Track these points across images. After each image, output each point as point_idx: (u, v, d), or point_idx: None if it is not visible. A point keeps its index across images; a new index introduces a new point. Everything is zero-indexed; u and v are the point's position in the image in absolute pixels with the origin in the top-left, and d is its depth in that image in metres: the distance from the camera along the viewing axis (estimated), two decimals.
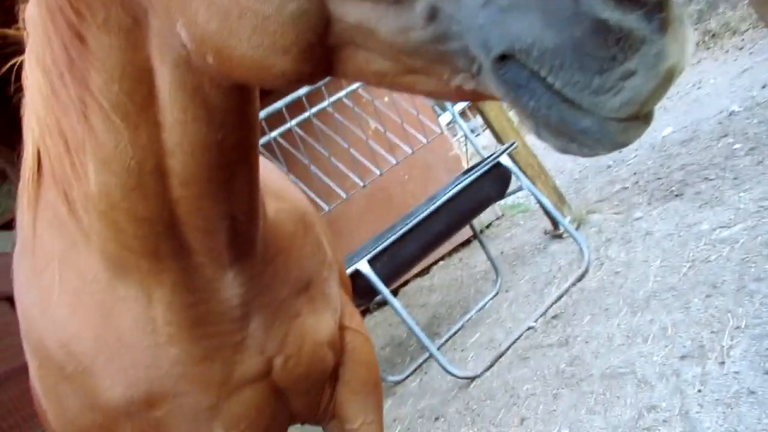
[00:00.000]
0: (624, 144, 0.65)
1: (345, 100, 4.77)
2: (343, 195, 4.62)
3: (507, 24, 0.65)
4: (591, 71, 0.61)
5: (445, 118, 8.25)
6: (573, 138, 0.65)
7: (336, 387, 1.54)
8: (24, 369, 3.59)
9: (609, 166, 6.89)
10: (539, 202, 4.83)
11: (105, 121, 1.00)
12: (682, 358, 2.65)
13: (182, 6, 0.84)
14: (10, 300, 3.67)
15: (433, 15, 0.70)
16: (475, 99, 0.78)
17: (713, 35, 11.01)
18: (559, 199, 5.49)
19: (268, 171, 1.39)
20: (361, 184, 4.72)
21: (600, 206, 5.53)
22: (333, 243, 1.58)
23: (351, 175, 4.64)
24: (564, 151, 0.68)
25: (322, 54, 0.81)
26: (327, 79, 0.94)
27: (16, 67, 1.28)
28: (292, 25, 0.77)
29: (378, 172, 4.80)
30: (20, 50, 1.25)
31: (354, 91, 4.90)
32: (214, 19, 0.82)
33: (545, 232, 5.86)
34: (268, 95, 4.56)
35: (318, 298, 1.39)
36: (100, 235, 1.11)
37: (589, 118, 0.63)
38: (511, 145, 4.63)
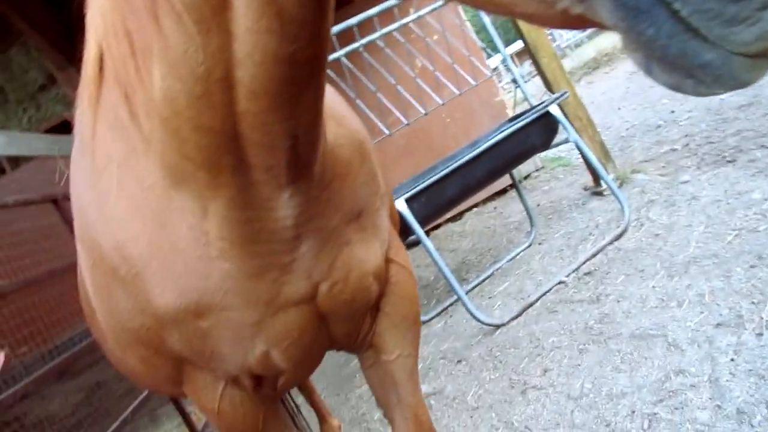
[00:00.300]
0: (747, 83, 0.59)
1: (396, 35, 4.65)
2: (386, 131, 4.56)
3: None
4: None
5: (491, 63, 8.02)
6: (690, 73, 0.59)
7: (377, 318, 1.55)
8: (66, 270, 3.72)
9: (659, 126, 6.67)
10: (584, 156, 4.71)
11: (177, 23, 0.96)
12: (718, 326, 2.61)
13: None
14: (54, 202, 3.78)
15: None
16: (579, 26, 0.72)
17: None
18: (604, 155, 5.35)
19: (330, 94, 1.36)
20: (405, 121, 4.65)
21: (645, 166, 5.38)
22: (385, 176, 1.56)
23: (395, 111, 4.57)
24: (675, 88, 0.62)
25: None
26: (381, 9, 0.88)
27: None
28: None
29: (423, 111, 4.71)
30: None
31: (405, 26, 4.76)
32: None
33: (585, 188, 5.76)
34: None
35: (368, 228, 1.38)
36: (160, 142, 1.10)
37: (714, 51, 0.57)
38: (562, 94, 4.48)
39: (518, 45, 15.20)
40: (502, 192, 7.67)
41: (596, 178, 5.38)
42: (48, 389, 5.25)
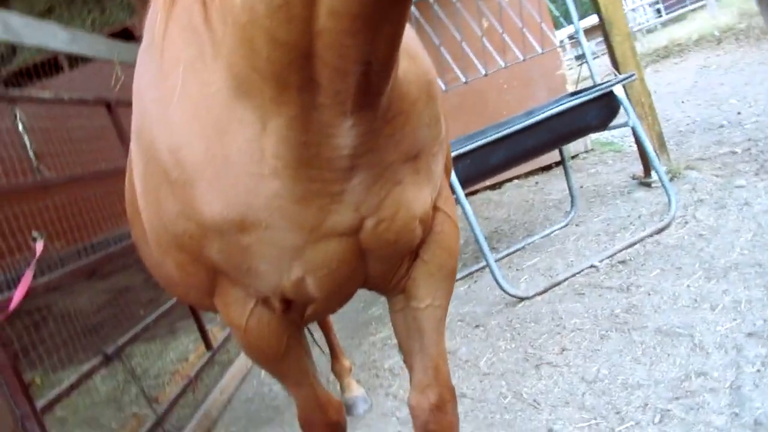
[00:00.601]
0: None
1: None
2: (443, 86, 4.48)
3: None
4: None
5: (558, 36, 7.76)
6: None
7: (414, 264, 1.54)
8: (110, 173, 3.79)
9: (722, 126, 6.42)
10: (639, 142, 4.57)
11: None
12: (749, 335, 2.55)
13: None
14: (108, 106, 3.83)
15: None
16: None
17: None
18: (660, 146, 5.19)
19: (408, 30, 1.32)
20: (463, 79, 4.55)
21: (701, 164, 5.21)
22: (448, 122, 1.52)
23: (455, 68, 4.47)
24: None
25: None
26: None
27: None
28: None
29: (483, 72, 4.60)
30: None
31: None
32: None
33: (633, 177, 5.61)
34: None
35: (422, 171, 1.36)
36: (231, 50, 1.08)
37: None
38: (630, 76, 4.32)
39: (589, 21, 14.66)
40: (547, 168, 7.53)
41: (647, 167, 5.23)
42: (78, 285, 5.46)
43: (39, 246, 2.55)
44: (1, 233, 2.68)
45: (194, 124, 1.18)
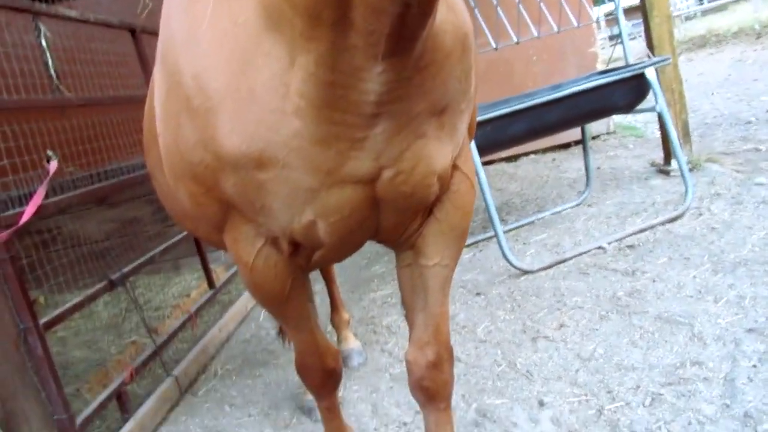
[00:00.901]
0: None
1: None
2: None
3: None
4: None
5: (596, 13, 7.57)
6: None
7: (426, 221, 1.53)
8: (129, 100, 3.76)
9: (749, 122, 6.30)
10: (663, 129, 4.50)
11: None
12: (749, 330, 2.54)
13: None
14: (132, 32, 3.78)
15: None
16: None
17: None
18: (685, 136, 5.11)
19: None
20: (494, 45, 4.46)
21: (722, 158, 5.13)
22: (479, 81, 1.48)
23: (487, 31, 4.38)
24: None
25: None
26: None
27: None
28: None
29: (515, 40, 4.51)
30: None
31: None
32: None
33: (652, 164, 5.54)
34: None
35: (447, 127, 1.33)
36: None
37: None
38: (664, 59, 4.22)
39: (628, 1, 14.30)
40: (565, 146, 7.45)
41: (668, 155, 5.16)
42: (87, 211, 5.50)
43: (53, 165, 2.55)
44: (16, 149, 2.68)
45: (220, 52, 1.16)
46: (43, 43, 3.05)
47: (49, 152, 2.55)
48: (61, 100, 3.10)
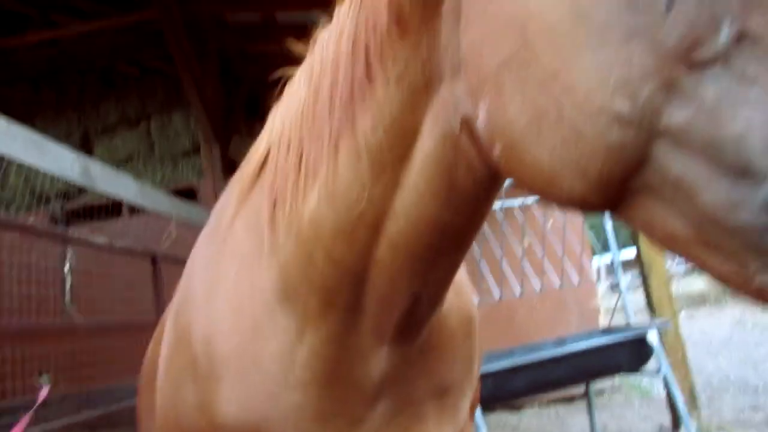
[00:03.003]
0: None
1: (515, 211, 4.72)
2: (475, 299, 4.51)
3: None
4: None
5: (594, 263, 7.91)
6: None
7: None
8: (137, 326, 3.76)
9: (757, 390, 6.15)
10: (671, 395, 4.39)
11: (354, 159, 1.01)
12: None
13: (497, 88, 0.81)
14: (153, 260, 3.94)
15: None
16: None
17: None
18: (692, 401, 4.97)
19: None
20: (496, 296, 4.59)
21: (734, 428, 4.92)
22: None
23: (491, 282, 4.53)
24: None
25: (619, 191, 0.74)
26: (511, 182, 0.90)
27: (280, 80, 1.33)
28: (605, 153, 0.71)
29: (517, 293, 4.65)
30: (291, 64, 1.31)
31: (526, 205, 4.84)
32: (525, 115, 0.78)
33: (660, 429, 5.31)
34: None
35: (448, 411, 1.31)
36: (288, 257, 1.12)
37: None
38: (664, 323, 4.29)
39: (627, 254, 14.97)
40: (569, 399, 7.21)
41: (676, 420, 4.97)
42: None
43: (44, 391, 2.49)
44: (11, 374, 2.64)
45: (234, 318, 1.20)
46: (67, 267, 3.18)
47: (42, 376, 2.50)
48: (69, 325, 3.13)
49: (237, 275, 1.24)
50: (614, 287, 5.40)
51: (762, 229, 0.64)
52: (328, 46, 1.12)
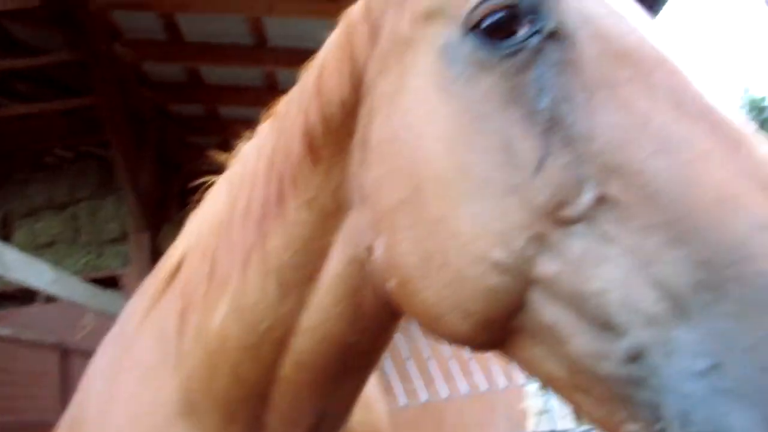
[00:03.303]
0: None
1: None
2: (403, 400, 4.45)
3: (719, 409, 0.60)
4: None
5: None
6: None
7: None
8: (38, 426, 3.47)
9: None
10: None
11: (261, 278, 1.03)
12: None
13: (392, 227, 0.86)
14: (63, 353, 3.70)
15: (635, 357, 0.66)
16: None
17: None
18: None
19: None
20: (423, 398, 4.54)
21: None
22: None
23: (417, 384, 4.49)
24: None
25: (501, 332, 0.79)
26: None
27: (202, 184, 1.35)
28: (485, 297, 0.76)
29: (444, 395, 4.61)
30: (216, 172, 1.34)
31: None
32: (415, 256, 0.83)
33: None
34: None
35: None
36: (192, 369, 1.10)
37: None
38: (590, 429, 4.31)
39: None
40: None
41: None
42: None
43: None
44: None
45: (131, 428, 1.14)
46: None
47: None
48: None
49: (137, 388, 1.19)
50: (543, 389, 5.43)
51: (625, 381, 0.67)
52: (248, 162, 1.16)
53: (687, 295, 0.64)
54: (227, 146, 1.33)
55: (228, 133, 1.37)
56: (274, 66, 5.00)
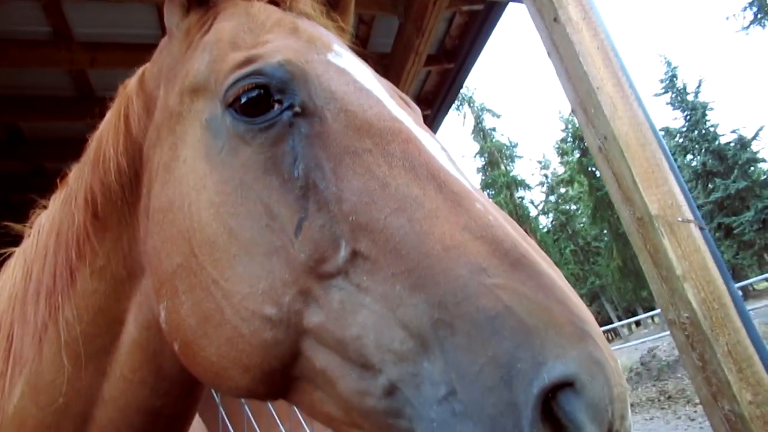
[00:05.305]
0: None
1: None
2: None
3: (455, 430, 0.68)
4: None
5: None
6: None
7: None
8: None
9: None
10: None
11: (55, 353, 1.01)
12: None
13: (172, 292, 0.90)
14: None
15: (391, 391, 0.74)
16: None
17: (669, 397, 11.28)
18: None
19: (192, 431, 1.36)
20: None
21: None
22: None
23: (281, 428, 4.42)
24: None
25: (281, 381, 0.85)
26: None
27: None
28: (262, 350, 0.82)
29: None
30: (16, 243, 1.29)
31: None
32: (195, 317, 0.87)
33: None
34: None
35: None
36: None
37: None
38: None
39: None
40: None
41: None
42: None
43: None
44: None
45: None
46: None
47: None
48: None
49: None
50: None
51: (385, 413, 0.75)
52: (41, 233, 1.14)
53: (428, 332, 0.73)
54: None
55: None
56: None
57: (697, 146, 44.73)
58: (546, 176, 65.86)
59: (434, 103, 6.23)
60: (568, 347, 0.68)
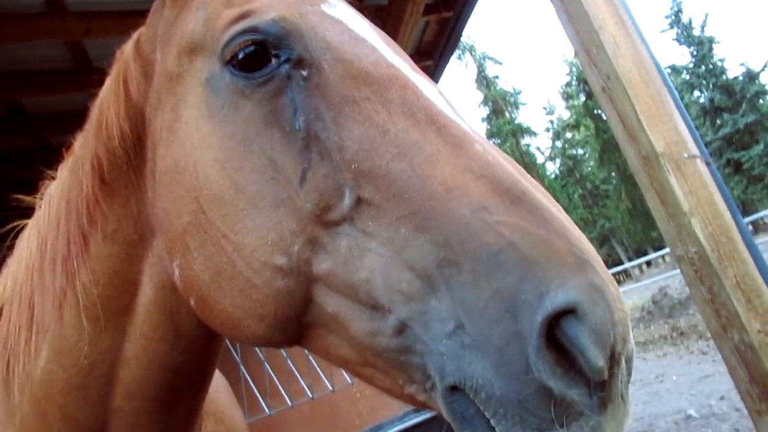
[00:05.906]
0: None
1: None
2: (289, 402, 4.48)
3: (464, 360, 0.72)
4: (530, 427, 0.69)
5: None
6: None
7: None
8: None
9: None
10: None
11: (76, 317, 1.05)
12: None
13: (184, 250, 0.93)
14: None
15: (401, 329, 0.78)
16: (423, 407, 0.86)
17: (681, 333, 11.45)
18: None
19: (215, 386, 1.41)
20: (309, 395, 4.60)
21: None
22: None
23: (302, 382, 4.55)
24: None
25: (296, 328, 0.89)
26: None
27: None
28: (275, 299, 0.85)
29: (330, 388, 4.70)
30: (27, 215, 1.32)
31: None
32: (208, 272, 0.90)
33: None
34: None
35: None
36: (23, 418, 1.09)
37: None
38: None
39: None
40: None
41: None
42: None
43: None
44: None
45: None
46: None
47: None
48: None
49: None
50: None
51: (397, 350, 0.80)
52: (52, 203, 1.17)
53: (434, 272, 0.76)
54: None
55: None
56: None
57: (704, 82, 44.07)
58: (552, 122, 65.32)
59: (434, 54, 6.15)
60: (569, 276, 0.71)
